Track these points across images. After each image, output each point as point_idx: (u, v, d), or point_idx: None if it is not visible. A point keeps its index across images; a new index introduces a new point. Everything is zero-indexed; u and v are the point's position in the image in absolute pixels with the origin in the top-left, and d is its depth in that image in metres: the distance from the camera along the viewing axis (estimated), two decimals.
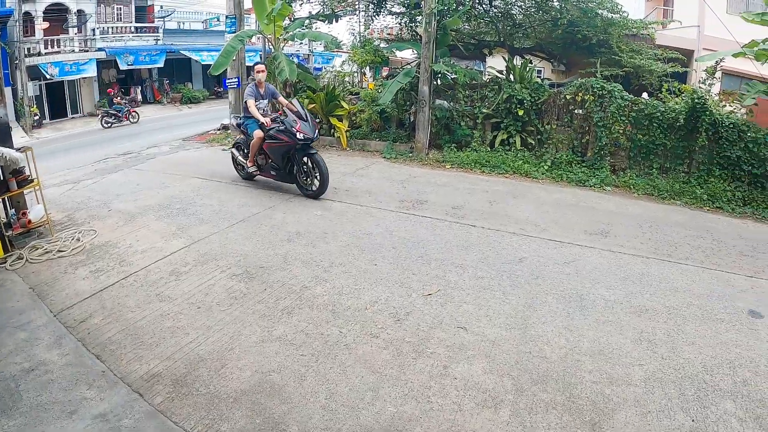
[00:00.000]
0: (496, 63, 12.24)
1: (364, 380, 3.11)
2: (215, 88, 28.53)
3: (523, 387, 3.18)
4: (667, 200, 8.01)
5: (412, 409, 2.90)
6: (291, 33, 11.02)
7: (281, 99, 7.45)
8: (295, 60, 11.35)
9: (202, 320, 3.64)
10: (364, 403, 2.91)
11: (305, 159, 6.88)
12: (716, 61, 9.46)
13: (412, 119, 10.34)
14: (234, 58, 9.95)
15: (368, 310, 3.94)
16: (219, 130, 12.94)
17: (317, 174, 6.83)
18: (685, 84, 10.69)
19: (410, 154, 9.67)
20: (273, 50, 10.40)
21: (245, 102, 7.11)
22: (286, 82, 10.25)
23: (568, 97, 9.18)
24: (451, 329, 3.77)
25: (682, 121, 8.40)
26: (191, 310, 3.77)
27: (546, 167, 8.94)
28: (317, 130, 6.99)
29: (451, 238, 5.56)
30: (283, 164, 7.07)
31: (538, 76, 12.65)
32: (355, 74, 12.08)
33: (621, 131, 8.73)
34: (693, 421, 3.02)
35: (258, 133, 7.05)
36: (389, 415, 2.84)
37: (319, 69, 25.78)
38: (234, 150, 8.03)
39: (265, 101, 7.53)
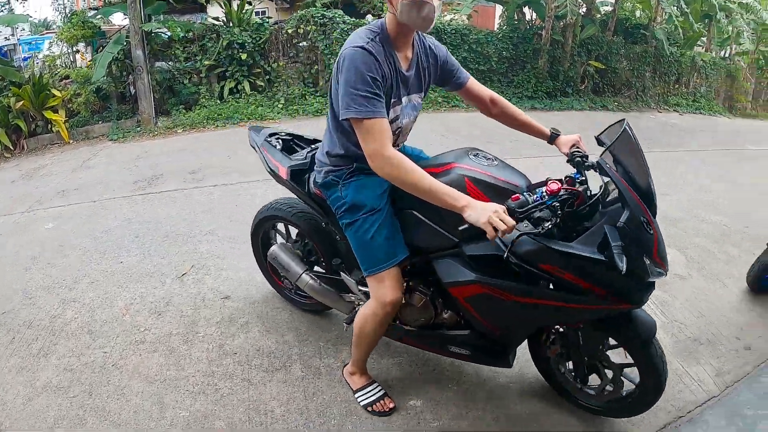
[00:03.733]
0: (217, 12, 11.62)
1: (145, 395, 2.85)
2: None
3: (303, 336, 3.28)
4: None
5: (204, 404, 2.77)
6: None
7: (475, 86, 2.61)
8: None
9: None
10: (154, 420, 2.69)
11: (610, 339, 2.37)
12: None
13: (133, 90, 9.33)
14: None
15: (126, 316, 3.58)
16: None
17: (649, 377, 2.24)
18: None
19: (138, 129, 8.78)
20: None
21: (347, 112, 2.00)
22: None
23: (290, 31, 9.15)
24: (216, 303, 3.67)
25: None
26: None
27: (281, 105, 9.03)
28: None
29: (195, 206, 5.37)
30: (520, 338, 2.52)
31: (260, 17, 12.34)
32: (68, 55, 10.43)
33: None
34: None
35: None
36: (183, 420, 2.68)
37: (28, 59, 21.80)
38: (278, 251, 3.17)
39: (417, 97, 2.37)
